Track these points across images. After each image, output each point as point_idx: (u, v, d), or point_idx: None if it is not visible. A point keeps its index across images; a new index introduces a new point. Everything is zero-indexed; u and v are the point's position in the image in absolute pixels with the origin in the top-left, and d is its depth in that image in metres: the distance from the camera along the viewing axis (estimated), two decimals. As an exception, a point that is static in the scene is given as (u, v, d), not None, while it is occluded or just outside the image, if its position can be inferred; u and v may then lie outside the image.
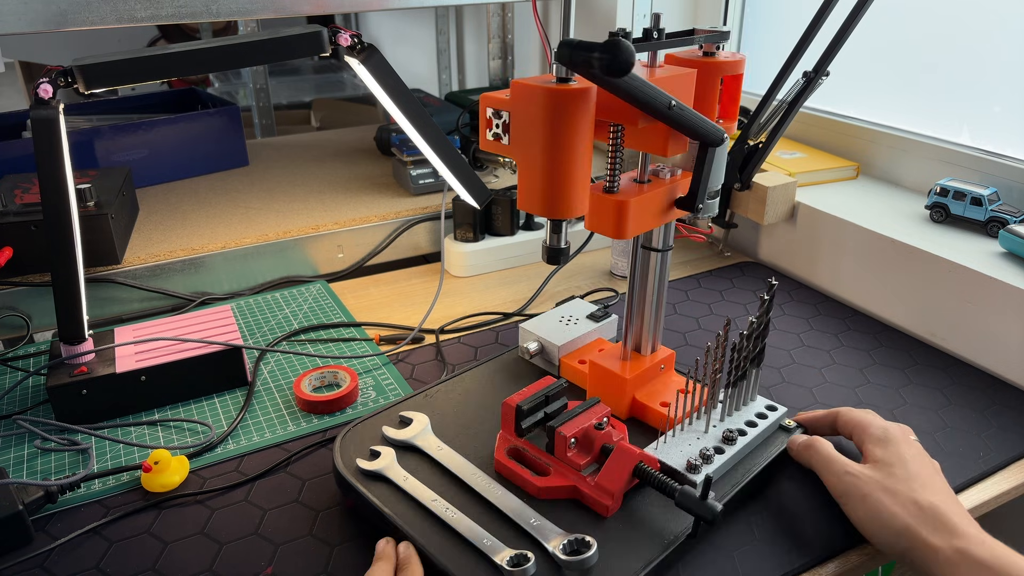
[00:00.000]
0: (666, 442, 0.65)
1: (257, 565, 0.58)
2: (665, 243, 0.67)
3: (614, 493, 0.58)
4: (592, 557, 0.53)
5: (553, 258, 0.59)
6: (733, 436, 0.65)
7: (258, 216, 1.12)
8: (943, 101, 1.02)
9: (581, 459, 0.61)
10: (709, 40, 0.62)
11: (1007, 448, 0.71)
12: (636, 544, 0.56)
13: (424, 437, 0.67)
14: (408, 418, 0.69)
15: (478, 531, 0.56)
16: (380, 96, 0.81)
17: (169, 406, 0.77)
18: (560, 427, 0.61)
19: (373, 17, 2.66)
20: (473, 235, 1.06)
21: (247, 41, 0.73)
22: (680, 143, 0.60)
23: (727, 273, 1.07)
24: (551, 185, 0.53)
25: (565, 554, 0.54)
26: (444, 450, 0.65)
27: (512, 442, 0.64)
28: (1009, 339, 0.79)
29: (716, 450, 0.63)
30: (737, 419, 0.67)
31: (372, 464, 0.63)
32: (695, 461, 0.62)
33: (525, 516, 0.58)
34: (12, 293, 0.91)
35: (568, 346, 0.78)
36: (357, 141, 1.52)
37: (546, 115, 0.51)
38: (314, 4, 0.92)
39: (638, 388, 0.71)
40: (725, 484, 0.62)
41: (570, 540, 0.54)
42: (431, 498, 0.60)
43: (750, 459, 0.65)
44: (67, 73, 0.67)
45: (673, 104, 0.53)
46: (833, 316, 0.94)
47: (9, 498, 0.60)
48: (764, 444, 0.67)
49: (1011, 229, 0.84)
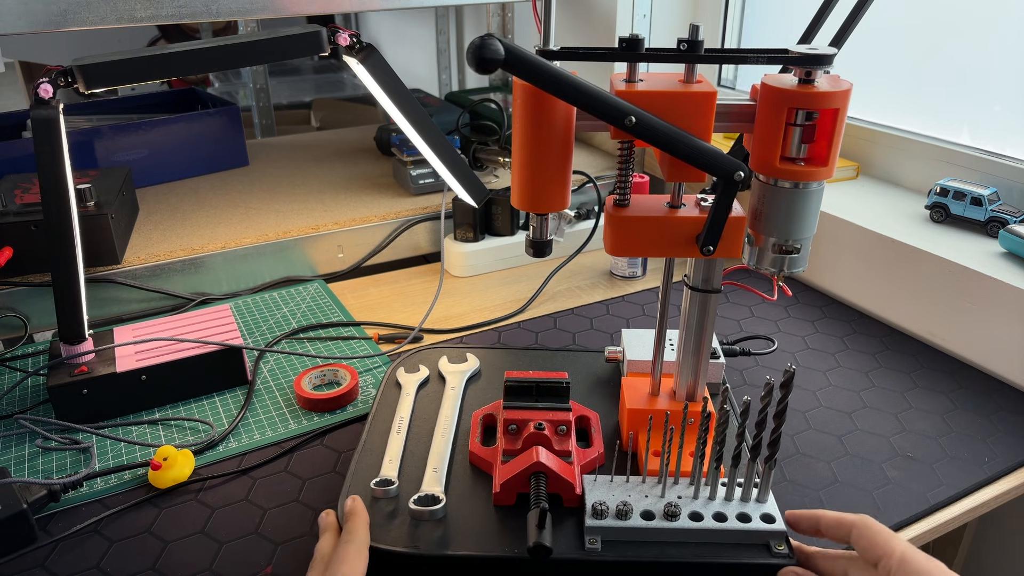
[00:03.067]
0: (612, 481, 0.59)
1: (257, 564, 0.58)
2: (706, 282, 0.60)
3: (502, 483, 0.59)
4: (438, 511, 0.58)
5: (538, 251, 0.60)
6: (676, 512, 0.56)
7: (258, 216, 1.12)
8: (943, 101, 1.03)
9: (511, 445, 0.62)
10: (799, 64, 0.51)
11: (1012, 453, 0.71)
12: (490, 531, 0.57)
13: (453, 372, 0.78)
14: (465, 357, 0.80)
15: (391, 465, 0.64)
16: (378, 95, 0.81)
17: (170, 405, 0.77)
18: (508, 412, 0.64)
19: (373, 17, 2.66)
20: (473, 235, 1.07)
21: (246, 41, 0.73)
22: (683, 171, 0.55)
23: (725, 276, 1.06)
24: (530, 180, 0.55)
25: (416, 504, 0.58)
26: (453, 391, 0.74)
27: (500, 412, 0.66)
28: (1010, 339, 0.79)
29: (645, 514, 0.56)
30: (718, 506, 0.57)
31: (405, 378, 0.76)
32: (623, 507, 0.56)
33: (435, 465, 0.63)
34: (12, 293, 0.91)
35: (637, 365, 0.74)
36: (357, 141, 1.52)
37: (521, 110, 0.53)
38: (314, 4, 0.92)
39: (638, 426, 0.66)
40: (629, 548, 0.55)
41: (426, 495, 0.59)
42: (400, 416, 0.70)
43: (694, 548, 0.55)
44: (67, 73, 0.67)
45: (634, 120, 0.49)
46: (839, 319, 0.94)
47: (12, 497, 0.60)
48: (726, 548, 0.55)
49: (1011, 229, 0.84)
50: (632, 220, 0.58)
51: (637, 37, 0.52)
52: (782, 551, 0.54)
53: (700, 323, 0.62)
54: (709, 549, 0.55)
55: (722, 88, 1.34)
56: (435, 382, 0.77)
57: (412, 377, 0.76)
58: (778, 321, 0.94)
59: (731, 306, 0.98)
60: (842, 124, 0.53)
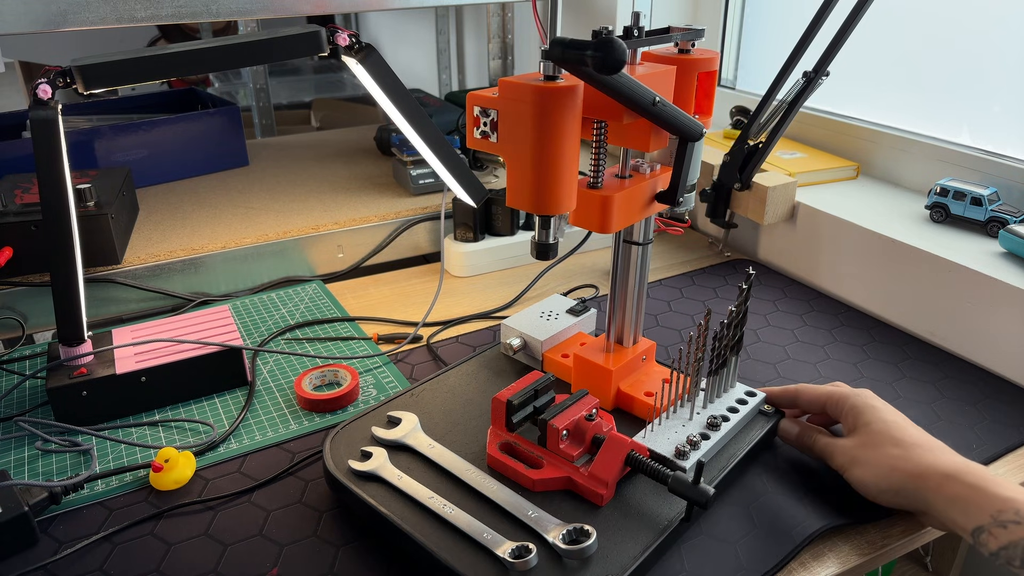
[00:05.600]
0: (653, 431, 0.66)
1: (263, 566, 0.58)
2: (645, 237, 0.68)
3: (608, 482, 0.59)
4: (592, 546, 0.54)
5: (542, 254, 0.59)
6: (717, 422, 0.66)
7: (258, 216, 1.12)
8: (943, 101, 1.03)
9: (574, 450, 0.61)
10: (685, 38, 0.64)
11: (999, 440, 0.71)
12: (632, 531, 0.57)
13: (415, 436, 0.67)
14: (396, 418, 0.69)
15: (477, 526, 0.56)
16: (377, 96, 0.81)
17: (170, 407, 0.77)
18: (552, 420, 0.61)
19: (373, 17, 2.66)
20: (473, 235, 1.06)
21: (246, 41, 0.73)
22: (661, 138, 0.62)
23: (721, 271, 1.07)
24: (540, 181, 0.54)
25: (565, 543, 0.54)
26: (436, 448, 0.65)
27: (504, 437, 0.64)
28: (1010, 339, 0.79)
29: (702, 436, 0.65)
30: (719, 405, 0.69)
31: (364, 465, 0.63)
32: (683, 447, 0.63)
33: (522, 508, 0.58)
34: (12, 293, 0.91)
35: (551, 341, 0.79)
36: (357, 141, 1.52)
37: (535, 112, 0.52)
38: (314, 4, 0.92)
39: (622, 379, 0.72)
40: (712, 468, 0.63)
41: (569, 530, 0.55)
42: (427, 496, 0.59)
43: (734, 444, 0.66)
44: (66, 73, 0.67)
45: (657, 100, 0.53)
46: (827, 312, 0.95)
47: (14, 499, 0.60)
48: (746, 429, 0.68)
49: (1011, 229, 0.84)
50: (621, 196, 0.60)
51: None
52: (770, 410, 0.70)
53: (642, 273, 0.70)
54: (744, 433, 0.67)
55: (722, 88, 1.34)
56: (396, 455, 0.65)
57: (372, 464, 0.63)
58: (767, 315, 0.94)
59: (723, 301, 0.98)
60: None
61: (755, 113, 0.95)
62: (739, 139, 0.97)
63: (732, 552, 0.58)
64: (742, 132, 0.96)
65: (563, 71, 0.52)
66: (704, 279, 1.04)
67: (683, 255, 1.13)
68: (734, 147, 0.98)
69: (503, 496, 0.59)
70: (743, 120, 1.18)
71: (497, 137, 0.55)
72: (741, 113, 1.19)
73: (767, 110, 0.94)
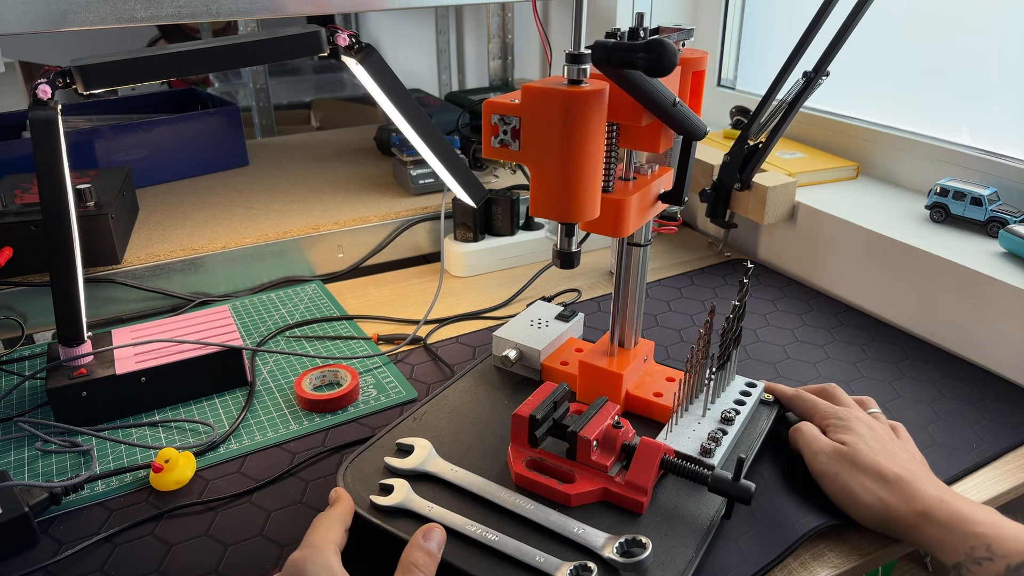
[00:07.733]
0: (671, 431, 0.66)
1: (263, 567, 0.58)
2: (646, 238, 0.68)
3: (647, 489, 0.58)
4: (650, 556, 0.52)
5: (566, 262, 0.58)
6: (731, 416, 0.67)
7: (258, 216, 1.12)
8: (943, 101, 1.03)
9: (606, 460, 0.60)
10: (677, 38, 0.64)
11: (999, 440, 0.71)
12: (679, 534, 0.56)
13: (433, 462, 0.63)
14: (408, 445, 0.65)
15: (527, 550, 0.54)
16: (377, 96, 0.81)
17: (169, 407, 0.77)
18: (581, 431, 0.60)
19: (373, 17, 2.66)
20: (473, 235, 1.06)
21: (246, 41, 0.73)
22: (669, 139, 0.61)
23: (721, 271, 1.07)
24: (567, 189, 0.53)
25: (621, 556, 0.53)
26: (458, 472, 0.62)
27: (527, 453, 0.62)
28: (1010, 339, 0.79)
29: (720, 431, 0.66)
30: (726, 399, 0.70)
31: (389, 499, 0.59)
32: (707, 445, 0.64)
33: (567, 526, 0.56)
34: (11, 293, 0.91)
35: (548, 349, 0.78)
36: (357, 141, 1.52)
37: (563, 118, 0.50)
38: (314, 4, 0.92)
39: (629, 381, 0.72)
40: (733, 462, 0.62)
41: (622, 542, 0.54)
42: (464, 523, 0.56)
43: (746, 435, 0.68)
44: (66, 73, 0.67)
45: (676, 101, 0.53)
46: (826, 312, 0.95)
47: (14, 500, 0.60)
48: (753, 419, 0.70)
49: (1011, 229, 0.84)
50: (633, 199, 0.60)
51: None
52: (770, 399, 0.72)
53: (643, 275, 0.70)
54: (752, 425, 0.69)
55: (722, 88, 1.34)
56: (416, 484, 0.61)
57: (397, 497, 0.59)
58: (767, 315, 0.94)
59: (722, 301, 0.98)
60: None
61: (755, 113, 0.95)
62: (739, 139, 0.97)
63: (736, 548, 0.58)
64: (742, 132, 0.96)
65: (587, 75, 0.51)
66: (704, 279, 1.05)
67: (683, 255, 1.13)
68: (734, 147, 0.98)
69: (542, 515, 0.57)
70: (743, 120, 1.18)
71: (519, 145, 0.53)
72: (741, 113, 1.19)
73: (767, 110, 0.94)
